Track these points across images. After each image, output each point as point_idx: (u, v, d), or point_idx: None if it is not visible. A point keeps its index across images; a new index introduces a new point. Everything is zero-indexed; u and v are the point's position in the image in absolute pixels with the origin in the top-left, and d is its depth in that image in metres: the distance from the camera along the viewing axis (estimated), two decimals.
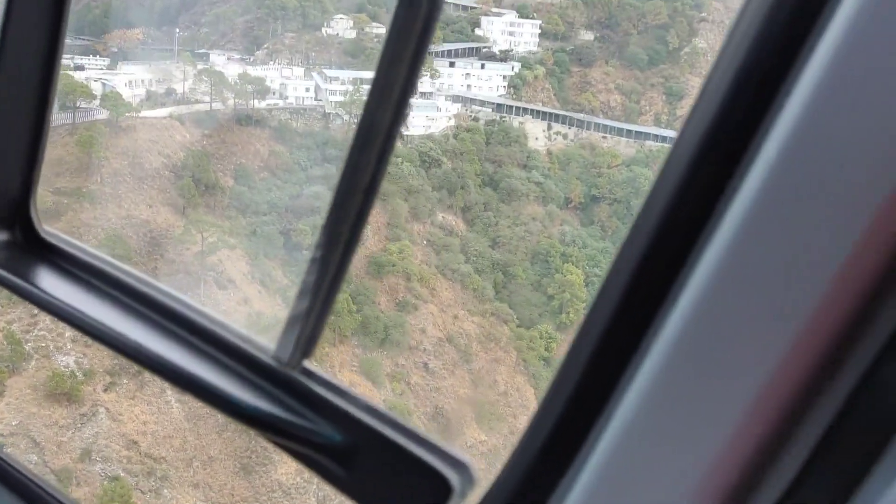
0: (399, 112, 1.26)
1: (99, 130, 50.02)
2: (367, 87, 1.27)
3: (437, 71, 68.33)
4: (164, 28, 65.43)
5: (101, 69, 57.90)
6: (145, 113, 53.91)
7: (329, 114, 63.15)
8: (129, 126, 51.52)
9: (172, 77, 59.62)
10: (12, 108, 1.76)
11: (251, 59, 71.21)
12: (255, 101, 60.93)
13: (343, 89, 62.57)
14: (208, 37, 68.42)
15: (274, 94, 62.85)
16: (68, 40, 1.32)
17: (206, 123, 57.49)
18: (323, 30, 75.11)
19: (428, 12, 1.24)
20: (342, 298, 43.63)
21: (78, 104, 50.25)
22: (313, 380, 1.43)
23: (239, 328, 1.55)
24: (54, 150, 44.38)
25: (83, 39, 60.42)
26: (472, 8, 73.56)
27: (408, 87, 1.25)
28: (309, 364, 1.44)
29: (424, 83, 62.32)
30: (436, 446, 1.30)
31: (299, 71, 69.28)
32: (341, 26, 74.97)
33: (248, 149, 60.72)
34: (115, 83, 54.21)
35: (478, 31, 70.10)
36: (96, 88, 52.69)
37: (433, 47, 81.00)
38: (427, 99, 62.92)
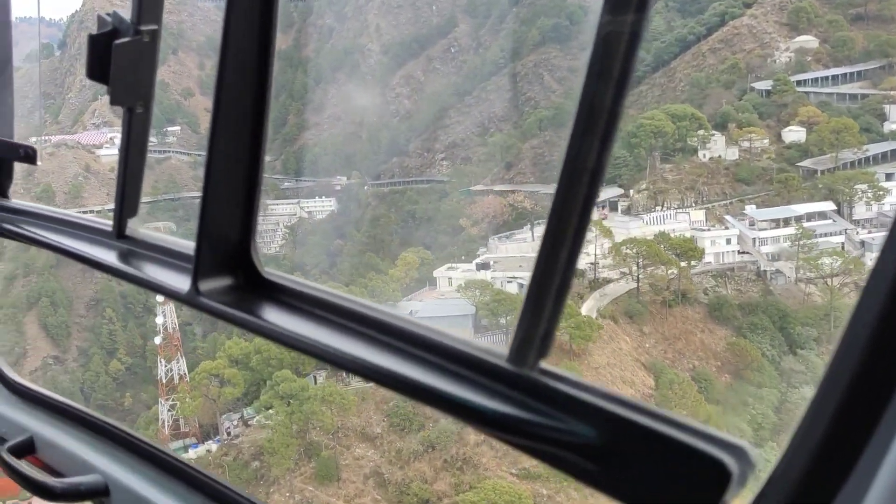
0: (620, 91, 1.21)
1: None
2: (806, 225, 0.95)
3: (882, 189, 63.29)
4: None
5: None
6: None
7: (765, 272, 59.42)
8: None
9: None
10: (229, 162, 1.85)
11: (630, 207, 68.29)
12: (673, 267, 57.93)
13: (775, 234, 57.76)
14: None
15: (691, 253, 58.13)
16: None
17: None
18: (700, 153, 71.33)
19: None
20: None
21: None
22: (554, 378, 1.38)
23: (467, 337, 1.54)
24: None
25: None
26: (864, 96, 69.33)
27: (627, 66, 1.21)
28: (546, 364, 1.40)
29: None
30: (704, 432, 1.22)
31: (698, 215, 65.53)
32: (719, 146, 69.71)
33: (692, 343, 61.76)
34: None
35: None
36: None
37: (852, 154, 75.54)
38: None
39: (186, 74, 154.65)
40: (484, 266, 72.21)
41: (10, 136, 2.76)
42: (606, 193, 78.72)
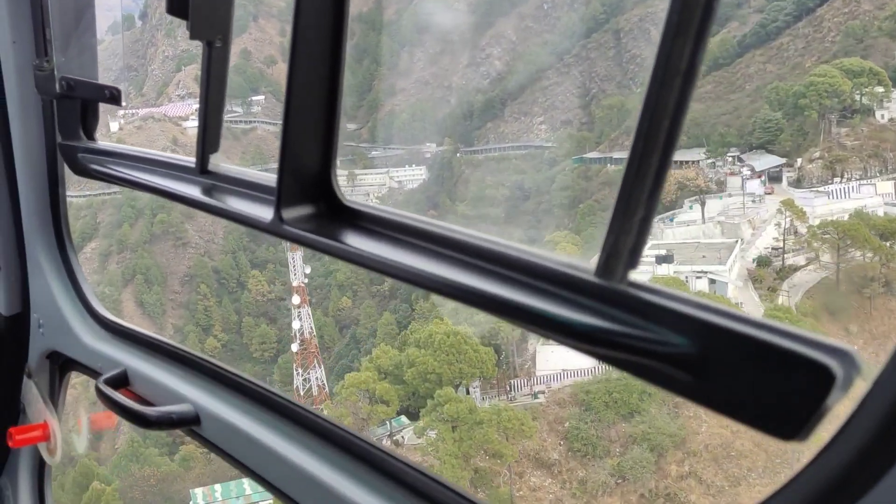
0: (700, 40, 1.19)
1: None
2: None
3: None
4: None
5: None
6: None
7: None
8: None
9: None
10: (308, 93, 1.87)
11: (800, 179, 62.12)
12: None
13: None
14: None
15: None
16: None
17: None
18: (877, 114, 65.18)
19: None
20: None
21: None
22: (643, 290, 1.35)
23: (553, 254, 1.51)
24: None
25: None
26: None
27: (707, 15, 1.18)
28: (635, 276, 1.38)
29: None
30: (804, 337, 1.18)
31: (885, 186, 59.07)
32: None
33: None
34: None
35: None
36: None
37: None
38: None
39: (268, 42, 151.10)
40: (666, 259, 61.61)
41: (94, 78, 2.77)
42: (762, 163, 71.09)
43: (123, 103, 2.85)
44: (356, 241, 1.87)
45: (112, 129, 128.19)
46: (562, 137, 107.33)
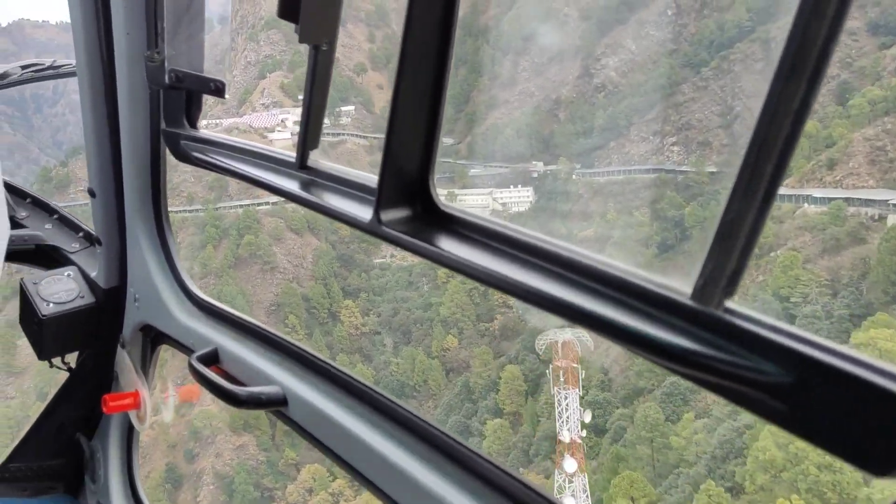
0: (835, 28, 1.14)
1: None
2: None
3: None
4: None
5: None
6: None
7: None
8: None
9: None
10: (413, 97, 1.90)
11: None
12: None
13: None
14: None
15: None
16: None
17: None
18: None
19: None
20: None
21: None
22: (740, 318, 1.35)
23: (648, 273, 1.51)
24: None
25: None
26: None
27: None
28: (732, 302, 1.37)
29: None
30: None
31: None
32: None
33: None
34: None
35: None
36: None
37: None
38: None
39: (356, 48, 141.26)
40: None
41: (200, 70, 2.88)
42: None
43: (226, 95, 2.90)
44: (451, 246, 1.89)
45: None
46: (698, 160, 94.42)
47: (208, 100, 3.14)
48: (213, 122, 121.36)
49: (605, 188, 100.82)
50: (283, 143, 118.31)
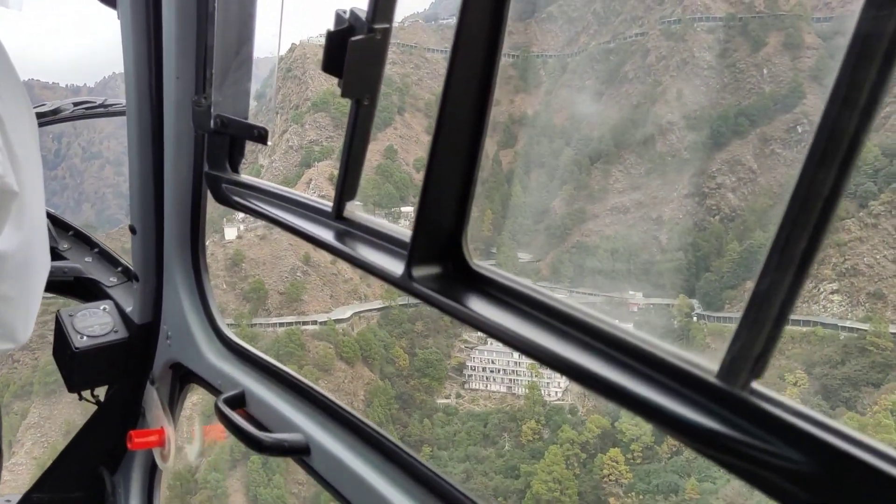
0: (867, 115, 1.15)
1: None
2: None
3: None
4: None
5: None
6: None
7: None
8: None
9: None
10: (450, 156, 1.93)
11: None
12: None
13: None
14: None
15: None
16: None
17: None
18: None
19: None
20: None
21: None
22: (766, 401, 1.34)
23: (676, 348, 1.50)
24: None
25: None
26: None
27: (879, 87, 1.14)
28: (759, 385, 1.36)
29: None
30: None
31: None
32: None
33: None
34: None
35: None
36: None
37: None
38: None
39: (414, 140, 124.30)
40: None
41: (244, 117, 2.96)
42: None
43: (269, 142, 2.94)
44: (482, 308, 1.89)
45: (228, 236, 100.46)
46: (876, 318, 75.29)
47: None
48: (252, 224, 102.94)
49: None
50: None
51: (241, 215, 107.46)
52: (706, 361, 1.41)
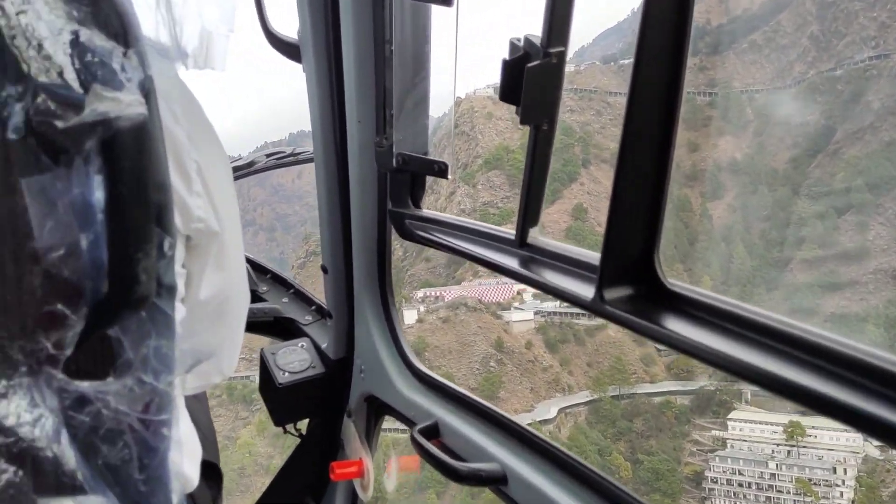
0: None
1: None
2: None
3: None
4: None
5: None
6: None
7: None
8: None
9: None
10: (637, 174, 1.90)
11: None
12: None
13: None
14: None
15: None
16: None
17: None
18: None
19: None
20: None
21: None
22: None
23: (887, 353, 1.47)
24: None
25: None
26: None
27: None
28: None
29: None
30: None
31: None
32: None
33: None
34: None
35: None
36: None
37: None
38: None
39: (605, 195, 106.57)
40: None
41: (424, 153, 3.02)
42: None
43: (450, 176, 3.00)
44: (679, 327, 1.83)
45: (408, 320, 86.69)
46: None
47: (411, 254, 4.09)
48: (430, 295, 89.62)
49: None
50: (524, 327, 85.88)
51: (420, 295, 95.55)
52: None
